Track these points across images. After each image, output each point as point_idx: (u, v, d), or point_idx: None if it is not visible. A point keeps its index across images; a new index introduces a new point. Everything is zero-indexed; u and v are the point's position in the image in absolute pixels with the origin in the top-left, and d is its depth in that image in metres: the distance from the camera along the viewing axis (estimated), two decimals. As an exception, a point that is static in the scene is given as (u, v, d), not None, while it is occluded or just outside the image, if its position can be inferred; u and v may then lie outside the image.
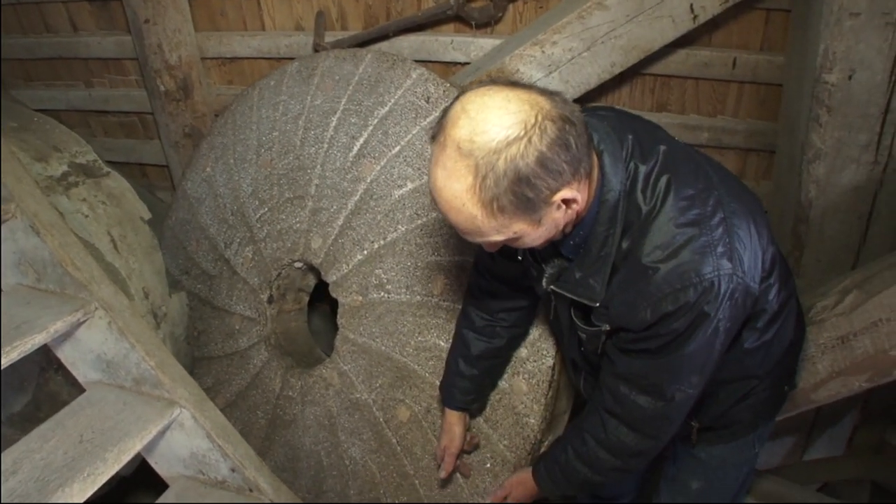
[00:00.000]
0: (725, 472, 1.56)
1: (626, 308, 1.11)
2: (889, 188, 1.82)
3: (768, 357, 1.36)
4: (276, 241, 2.15)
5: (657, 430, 1.26)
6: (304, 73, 2.15)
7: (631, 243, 1.10)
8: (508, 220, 1.02)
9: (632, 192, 1.10)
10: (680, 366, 1.15)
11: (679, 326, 1.09)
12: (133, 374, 1.78)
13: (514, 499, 1.58)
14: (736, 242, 1.07)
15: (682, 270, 1.05)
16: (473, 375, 1.60)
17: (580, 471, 1.36)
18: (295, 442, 2.10)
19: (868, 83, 1.68)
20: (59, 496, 1.44)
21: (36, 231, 1.74)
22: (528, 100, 0.98)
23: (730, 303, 1.08)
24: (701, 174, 1.13)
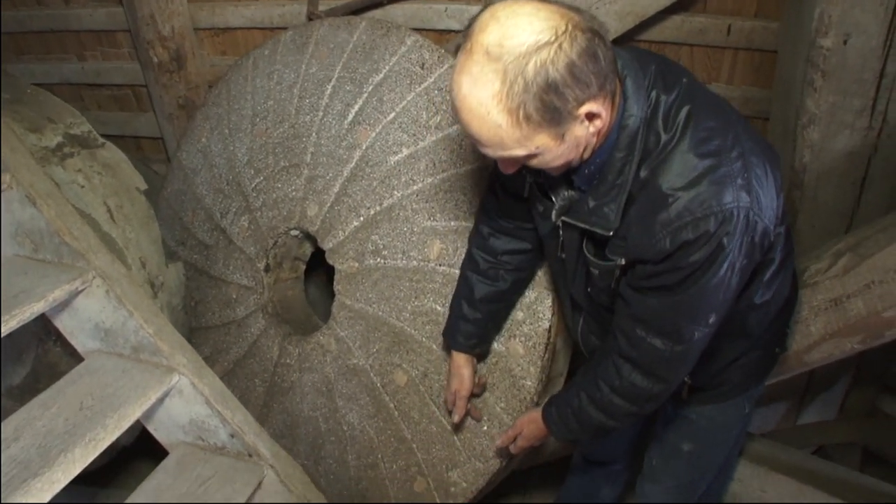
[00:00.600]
0: (716, 434, 1.57)
1: (645, 237, 1.09)
2: (883, 153, 1.83)
3: (766, 315, 1.37)
4: (272, 210, 2.15)
5: (672, 373, 1.25)
6: (298, 42, 2.14)
7: (650, 172, 1.09)
8: (533, 131, 1.01)
9: (652, 121, 1.09)
10: (698, 303, 1.13)
11: (698, 259, 1.07)
12: (131, 341, 1.79)
13: (524, 438, 1.56)
14: (753, 179, 1.06)
15: (702, 199, 1.04)
16: (477, 319, 1.60)
17: (594, 416, 1.35)
18: (293, 408, 2.12)
19: (863, 48, 1.68)
20: (61, 461, 1.46)
21: (32, 201, 1.74)
22: (557, 10, 0.97)
23: (747, 239, 1.08)
24: (721, 110, 1.13)
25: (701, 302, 1.13)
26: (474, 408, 1.75)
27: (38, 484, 1.40)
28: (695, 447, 1.58)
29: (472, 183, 1.77)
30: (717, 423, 1.55)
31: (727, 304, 1.16)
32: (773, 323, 1.42)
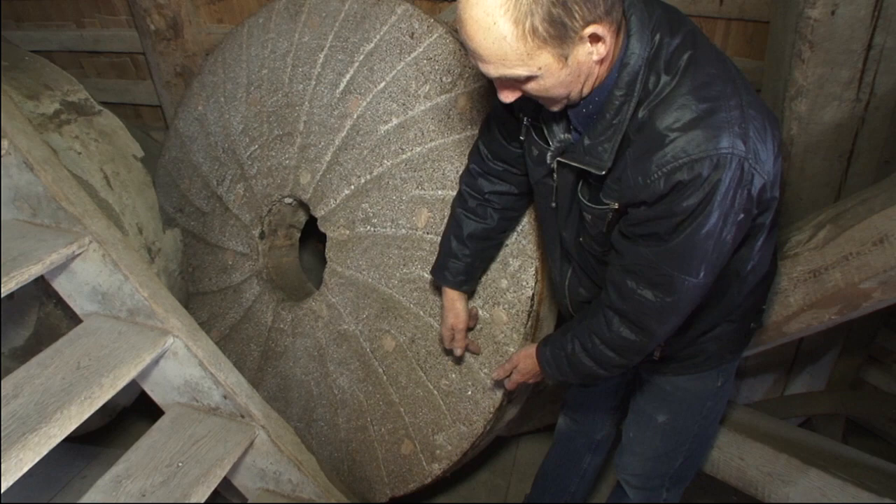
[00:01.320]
0: (689, 405, 1.59)
1: (639, 178, 1.09)
2: (870, 126, 1.82)
3: (746, 285, 1.38)
4: (266, 178, 2.18)
5: (660, 326, 1.25)
6: (291, 11, 2.14)
7: (648, 113, 1.09)
8: (537, 47, 1.00)
9: (654, 62, 1.09)
10: (690, 252, 1.12)
11: (690, 204, 1.07)
12: (127, 304, 1.84)
13: (519, 372, 1.59)
14: (751, 131, 1.06)
15: (699, 140, 1.03)
16: (465, 255, 1.62)
17: (586, 364, 1.38)
18: (286, 372, 2.18)
19: (851, 18, 1.66)
20: (58, 417, 1.51)
21: (29, 167, 1.77)
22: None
23: (742, 192, 1.08)
24: (723, 62, 1.13)
25: (693, 251, 1.12)
26: (472, 342, 1.77)
27: (36, 438, 1.46)
28: (668, 418, 1.61)
29: (459, 153, 1.79)
30: (690, 394, 1.57)
31: (720, 259, 1.16)
32: (751, 295, 1.43)
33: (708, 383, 1.55)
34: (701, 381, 1.55)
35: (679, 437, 1.62)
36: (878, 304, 1.55)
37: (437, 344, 1.85)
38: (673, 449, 1.63)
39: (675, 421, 1.60)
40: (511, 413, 1.99)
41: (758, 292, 1.47)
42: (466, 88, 1.79)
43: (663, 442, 1.63)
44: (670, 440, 1.62)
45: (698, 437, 1.63)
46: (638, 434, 1.68)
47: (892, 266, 1.45)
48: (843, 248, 1.54)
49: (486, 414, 1.79)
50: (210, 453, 1.77)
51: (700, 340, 1.47)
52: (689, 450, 1.63)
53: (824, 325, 1.66)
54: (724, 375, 1.56)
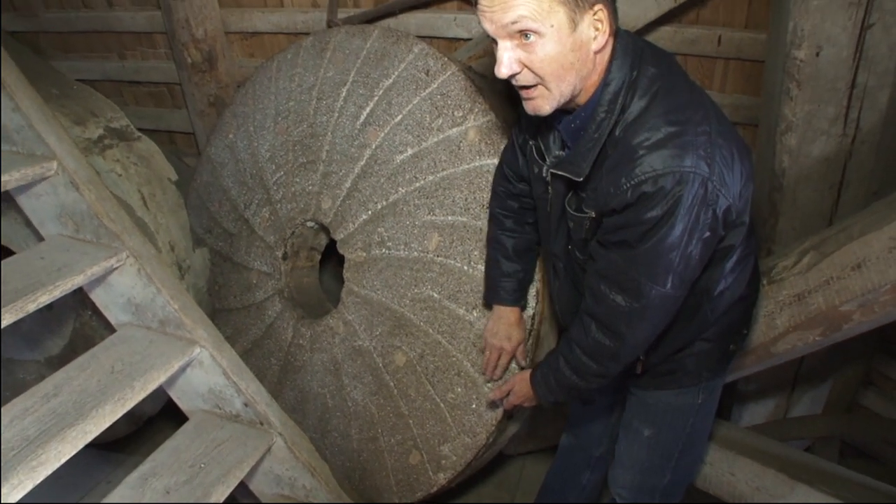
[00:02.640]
0: (672, 419, 1.67)
1: (611, 187, 1.22)
2: (858, 159, 1.93)
3: (719, 305, 1.48)
4: (290, 203, 2.33)
5: (631, 330, 1.34)
6: (317, 47, 2.32)
7: (623, 132, 1.22)
8: (556, 1, 1.12)
9: (633, 86, 1.22)
10: (655, 259, 1.22)
11: (655, 215, 1.18)
12: (159, 316, 1.98)
13: (514, 394, 1.70)
14: (717, 156, 1.18)
15: (664, 158, 1.15)
16: (516, 270, 1.75)
17: (569, 377, 1.48)
18: (304, 385, 2.30)
19: (835, 59, 1.79)
20: (93, 415, 1.64)
21: (75, 186, 1.93)
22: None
23: (707, 210, 1.18)
24: (696, 93, 1.26)
25: (658, 259, 1.22)
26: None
27: (73, 433, 1.58)
28: (653, 431, 1.70)
29: (468, 181, 1.92)
30: (672, 408, 1.66)
31: (687, 272, 1.26)
32: (725, 316, 1.53)
33: (689, 399, 1.63)
34: (682, 396, 1.63)
35: (664, 452, 1.70)
36: (859, 327, 1.64)
37: (444, 359, 1.96)
38: (660, 463, 1.71)
39: (659, 435, 1.69)
40: (514, 428, 2.09)
41: (734, 315, 1.56)
42: (476, 122, 1.93)
43: (650, 455, 1.71)
44: (656, 454, 1.71)
45: (683, 454, 1.70)
46: (627, 447, 1.76)
47: (869, 289, 1.55)
48: (824, 273, 1.64)
49: (488, 426, 1.90)
50: (230, 456, 1.88)
51: (677, 356, 1.56)
52: (675, 466, 1.71)
53: (810, 347, 1.75)
54: (705, 393, 1.64)
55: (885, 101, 1.83)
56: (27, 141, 1.98)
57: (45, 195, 2.00)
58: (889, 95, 1.82)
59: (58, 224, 2.02)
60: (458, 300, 1.94)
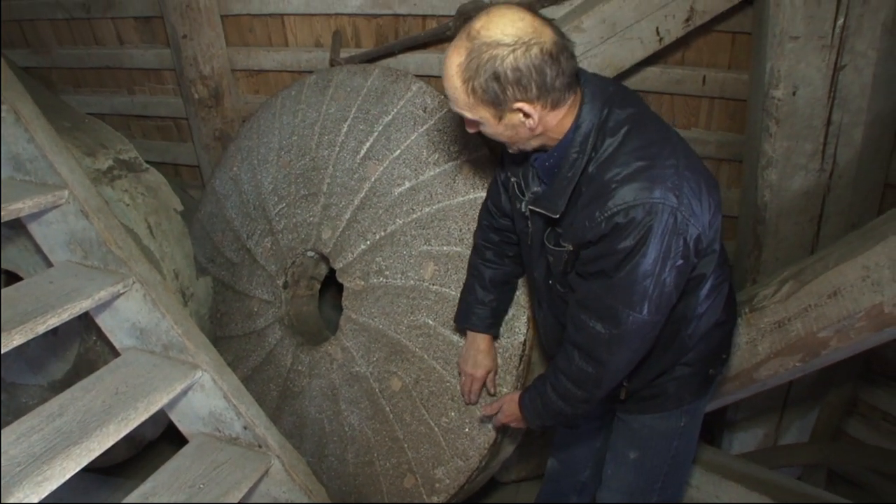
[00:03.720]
0: (656, 442, 1.73)
1: (587, 220, 1.31)
2: (836, 192, 2.02)
3: (696, 331, 1.55)
4: (291, 233, 2.41)
5: (612, 357, 1.40)
6: (320, 85, 2.42)
7: (596, 169, 1.32)
8: (477, 102, 1.29)
9: (603, 127, 1.33)
10: (631, 287, 1.30)
11: (628, 245, 1.26)
12: (163, 340, 2.04)
13: (503, 413, 1.76)
14: (684, 187, 1.28)
15: (634, 189, 1.25)
16: (490, 300, 1.83)
17: (555, 402, 1.54)
18: (302, 411, 2.35)
19: (810, 98, 1.89)
20: (98, 434, 1.69)
21: (85, 215, 2.01)
22: (532, 25, 1.23)
23: (678, 239, 1.27)
24: (664, 132, 1.36)
25: (633, 287, 1.30)
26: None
27: (77, 451, 1.63)
28: (638, 454, 1.75)
29: (462, 213, 2.01)
30: (656, 432, 1.72)
31: (663, 299, 1.34)
32: (704, 341, 1.60)
33: (672, 423, 1.69)
34: (665, 420, 1.69)
35: (650, 474, 1.75)
36: (836, 353, 1.71)
37: (439, 384, 2.02)
38: (646, 485, 1.77)
39: (644, 458, 1.74)
40: (506, 452, 2.14)
41: (712, 340, 1.63)
42: (470, 157, 2.02)
43: (636, 478, 1.77)
44: (642, 476, 1.76)
45: (669, 476, 1.76)
46: (614, 471, 1.81)
47: (845, 316, 1.63)
48: (803, 301, 1.72)
49: (481, 449, 1.95)
50: (229, 477, 1.92)
51: (659, 381, 1.63)
52: (662, 487, 1.76)
53: (791, 373, 1.82)
54: (687, 416, 1.70)
55: (860, 138, 1.93)
56: (40, 170, 2.06)
57: (55, 223, 2.08)
58: (863, 133, 1.92)
59: (67, 250, 2.09)
60: (453, 327, 2.00)
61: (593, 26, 2.08)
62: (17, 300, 1.86)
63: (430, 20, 2.52)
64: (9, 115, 2.05)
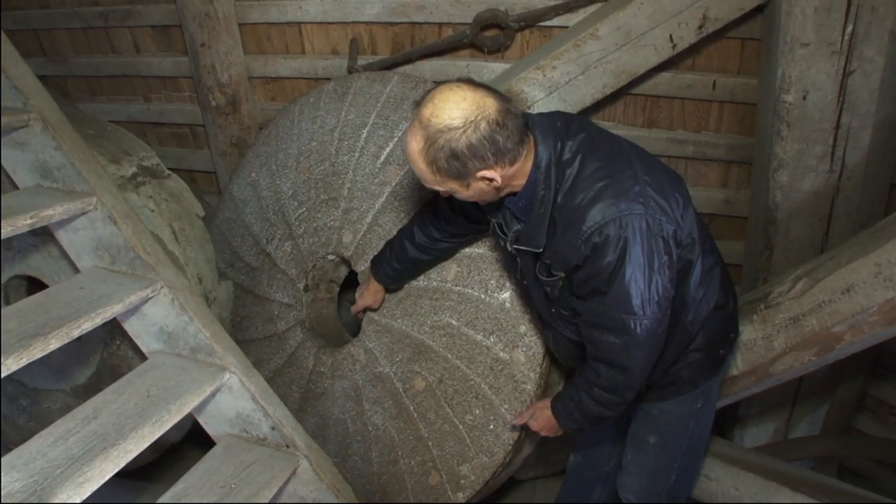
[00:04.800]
0: (674, 425, 1.82)
1: (568, 247, 1.43)
2: (845, 193, 2.09)
3: (698, 315, 1.63)
4: (312, 237, 2.46)
5: (633, 361, 1.49)
6: (339, 92, 2.48)
7: (563, 199, 1.43)
8: (443, 178, 1.40)
9: (559, 159, 1.44)
10: (626, 295, 1.40)
11: (611, 260, 1.38)
12: (190, 343, 2.08)
13: (535, 419, 1.85)
14: (649, 191, 1.39)
15: (601, 209, 1.37)
16: (398, 269, 2.07)
17: (593, 408, 1.63)
18: (325, 412, 2.40)
19: (820, 102, 1.96)
20: (133, 435, 1.73)
21: (113, 221, 2.05)
22: (478, 102, 1.33)
23: (654, 239, 1.37)
24: (616, 148, 1.47)
25: (628, 294, 1.40)
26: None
27: (115, 452, 1.67)
28: (658, 438, 1.85)
29: (484, 214, 2.06)
30: (674, 416, 1.81)
31: (663, 295, 1.43)
32: (708, 325, 1.68)
33: (688, 406, 1.79)
34: (682, 404, 1.79)
35: (670, 455, 1.85)
36: (850, 347, 1.77)
37: (463, 383, 2.07)
38: (666, 466, 1.86)
39: (664, 441, 1.84)
40: (528, 449, 2.19)
41: (716, 323, 1.71)
42: (491, 159, 2.08)
43: (656, 460, 1.86)
44: (662, 458, 1.85)
45: (687, 455, 1.86)
46: (635, 456, 1.91)
47: (858, 311, 1.69)
48: (817, 298, 1.78)
49: (506, 445, 2.00)
50: (259, 477, 1.96)
51: (673, 369, 1.72)
52: (680, 466, 1.85)
53: (805, 367, 1.88)
54: (703, 398, 1.79)
55: (867, 141, 2.00)
56: (68, 178, 2.10)
57: (82, 229, 2.12)
58: (870, 135, 1.99)
59: (94, 256, 2.13)
60: (476, 327, 2.05)
61: (608, 34, 2.14)
62: (50, 305, 1.90)
63: (446, 28, 2.58)
64: (37, 123, 2.10)
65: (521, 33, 2.52)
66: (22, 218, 1.88)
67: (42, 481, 1.56)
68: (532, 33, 2.52)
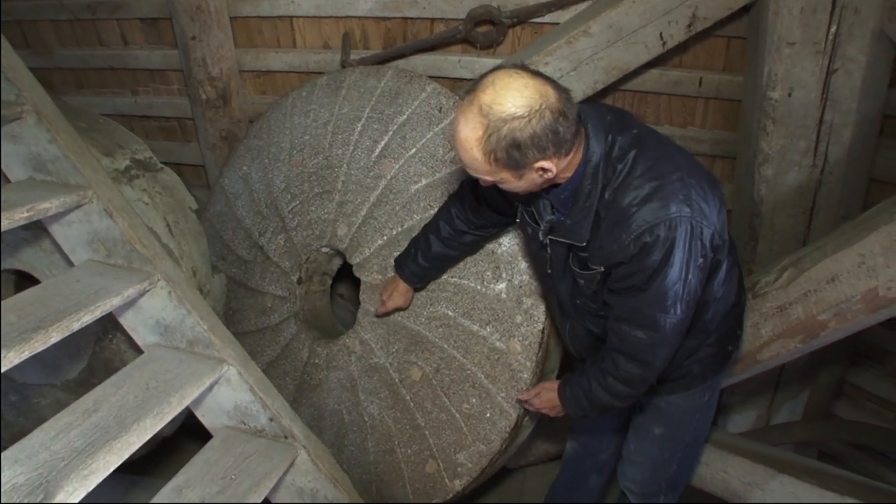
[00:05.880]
0: (681, 418, 1.87)
1: (615, 245, 1.43)
2: (827, 187, 2.17)
3: (717, 313, 1.68)
4: (305, 230, 2.48)
5: (656, 357, 1.54)
6: (332, 86, 2.49)
7: (612, 196, 1.43)
8: (498, 168, 1.37)
9: (609, 156, 1.44)
10: (664, 294, 1.43)
11: (656, 259, 1.39)
12: (188, 336, 2.08)
13: (540, 399, 1.88)
14: (693, 195, 1.40)
15: (653, 210, 1.37)
16: (425, 267, 2.05)
17: (603, 398, 1.67)
18: (320, 403, 2.42)
19: (804, 99, 2.03)
20: (136, 428, 1.74)
21: (109, 214, 2.04)
22: (540, 90, 1.30)
23: (696, 242, 1.39)
24: (664, 146, 1.48)
25: (666, 294, 1.43)
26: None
27: (118, 444, 1.67)
28: (664, 430, 1.89)
29: (480, 207, 2.10)
30: (681, 408, 1.86)
31: (691, 297, 1.47)
32: (723, 322, 1.73)
33: (696, 399, 1.84)
34: (690, 397, 1.84)
35: (673, 446, 1.90)
36: (834, 334, 1.85)
37: (460, 372, 2.11)
38: (669, 456, 1.91)
39: (669, 432, 1.88)
40: (523, 437, 2.24)
41: (729, 320, 1.77)
42: (486, 153, 2.11)
43: (660, 451, 1.90)
44: (666, 449, 1.90)
45: (689, 446, 1.91)
46: (638, 446, 1.95)
47: (842, 300, 1.76)
48: (802, 287, 1.85)
49: (502, 433, 2.05)
50: (259, 468, 1.98)
51: (686, 363, 1.76)
52: (681, 457, 1.90)
53: (791, 354, 1.95)
54: (710, 391, 1.85)
55: (849, 137, 2.08)
56: (62, 171, 2.09)
57: (77, 222, 2.11)
58: (852, 132, 2.07)
59: (89, 250, 2.12)
60: (473, 317, 2.10)
61: (600, 31, 2.19)
62: (48, 299, 1.89)
63: (439, 23, 2.61)
64: (30, 115, 2.08)
65: (513, 29, 2.56)
66: (18, 211, 1.87)
67: (47, 474, 1.56)
68: (524, 30, 2.56)
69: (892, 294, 1.69)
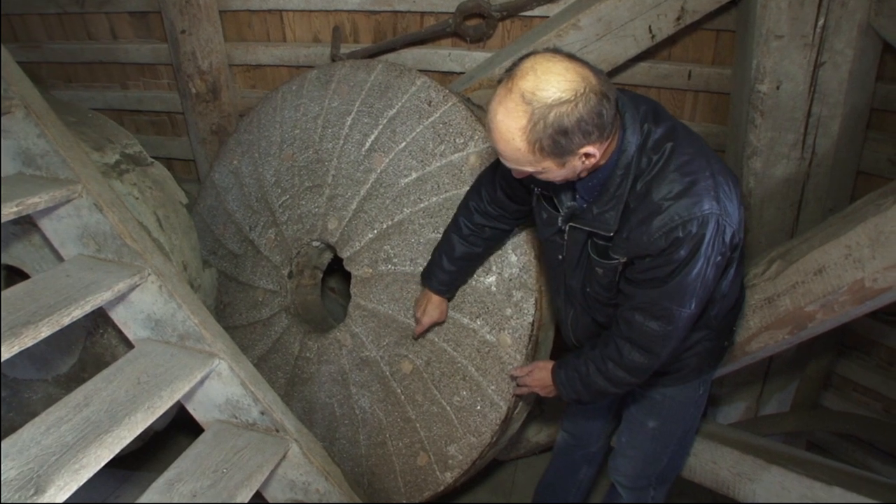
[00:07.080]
0: (675, 410, 1.89)
1: (645, 237, 1.40)
2: (814, 180, 2.18)
3: (723, 309, 1.70)
4: (296, 224, 2.48)
5: (664, 349, 1.55)
6: (322, 80, 2.49)
7: (644, 187, 1.40)
8: (542, 157, 1.32)
9: (644, 147, 1.41)
10: (683, 289, 1.43)
11: (683, 254, 1.38)
12: (179, 330, 2.08)
13: (532, 378, 1.88)
14: (721, 193, 1.39)
15: (687, 206, 1.35)
16: (452, 271, 1.98)
17: (600, 383, 1.66)
18: (311, 396, 2.43)
19: (793, 92, 2.04)
20: (127, 422, 1.74)
21: (99, 208, 2.04)
22: (580, 73, 1.26)
23: (719, 239, 1.39)
24: (697, 142, 1.46)
25: (685, 289, 1.44)
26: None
27: (109, 439, 1.68)
28: (658, 423, 1.91)
29: (470, 200, 2.10)
30: (676, 401, 1.87)
31: (706, 292, 1.48)
32: (726, 317, 1.76)
33: (690, 392, 1.86)
34: (685, 390, 1.85)
35: (666, 440, 1.91)
36: (822, 325, 1.86)
37: (450, 365, 2.12)
38: (660, 450, 1.92)
39: (663, 425, 1.90)
40: (513, 429, 2.26)
41: (730, 316, 1.80)
42: (476, 148, 2.12)
43: (652, 444, 1.92)
44: (658, 442, 1.91)
45: (681, 440, 1.93)
46: (630, 439, 1.96)
47: (829, 291, 1.78)
48: (790, 279, 1.87)
49: (493, 425, 2.06)
50: (251, 461, 1.99)
51: (683, 356, 1.77)
52: (673, 451, 1.92)
53: (779, 345, 1.97)
54: (704, 385, 1.87)
55: (837, 130, 2.09)
56: (51, 165, 2.09)
57: (67, 217, 2.10)
58: (839, 124, 2.08)
59: (79, 244, 2.12)
60: (463, 310, 2.10)
61: (590, 24, 2.20)
62: (38, 294, 1.89)
63: (429, 17, 2.61)
64: (19, 109, 2.07)
65: (503, 23, 2.56)
66: (8, 206, 1.87)
67: (38, 469, 1.57)
68: (514, 23, 2.56)
69: (877, 285, 1.70)
